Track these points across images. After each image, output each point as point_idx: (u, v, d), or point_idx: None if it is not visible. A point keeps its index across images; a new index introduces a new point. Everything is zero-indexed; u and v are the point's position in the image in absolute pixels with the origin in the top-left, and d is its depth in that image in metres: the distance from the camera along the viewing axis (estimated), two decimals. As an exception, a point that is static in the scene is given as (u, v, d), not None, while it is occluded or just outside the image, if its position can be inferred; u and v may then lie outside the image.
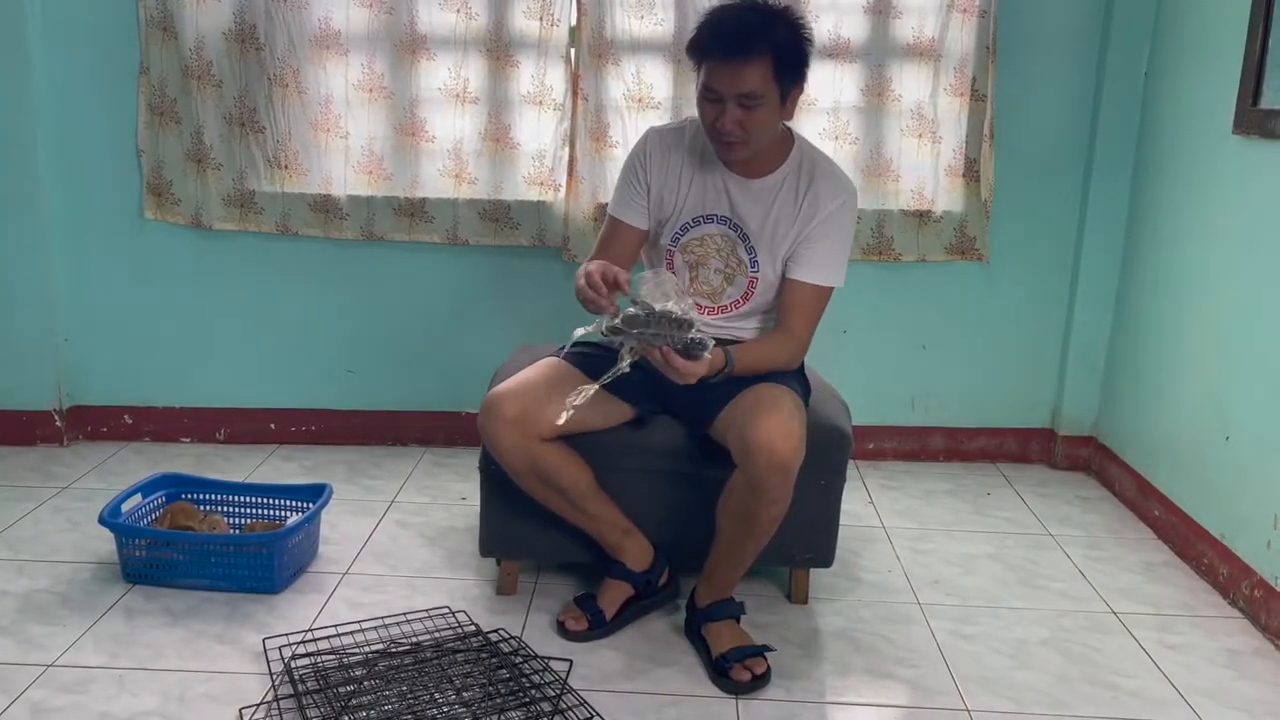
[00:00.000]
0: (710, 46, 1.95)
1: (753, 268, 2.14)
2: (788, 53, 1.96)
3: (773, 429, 1.90)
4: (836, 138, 2.98)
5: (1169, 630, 2.29)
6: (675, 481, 2.22)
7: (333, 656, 2.02)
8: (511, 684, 1.94)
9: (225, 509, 2.54)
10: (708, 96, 1.98)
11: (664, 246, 2.18)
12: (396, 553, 2.54)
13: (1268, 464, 2.32)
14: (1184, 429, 2.70)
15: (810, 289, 2.11)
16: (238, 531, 2.48)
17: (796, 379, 2.16)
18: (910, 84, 2.98)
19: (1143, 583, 2.51)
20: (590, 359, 2.16)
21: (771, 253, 2.12)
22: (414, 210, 3.03)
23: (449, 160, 3.00)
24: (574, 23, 2.94)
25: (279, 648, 2.06)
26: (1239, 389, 2.46)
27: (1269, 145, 2.37)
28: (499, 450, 2.08)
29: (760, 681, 2.00)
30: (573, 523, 2.17)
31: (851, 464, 2.31)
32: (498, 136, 2.99)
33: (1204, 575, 2.53)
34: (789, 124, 2.15)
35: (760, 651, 2.05)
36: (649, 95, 2.95)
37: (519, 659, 2.03)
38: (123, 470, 2.98)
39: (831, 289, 2.14)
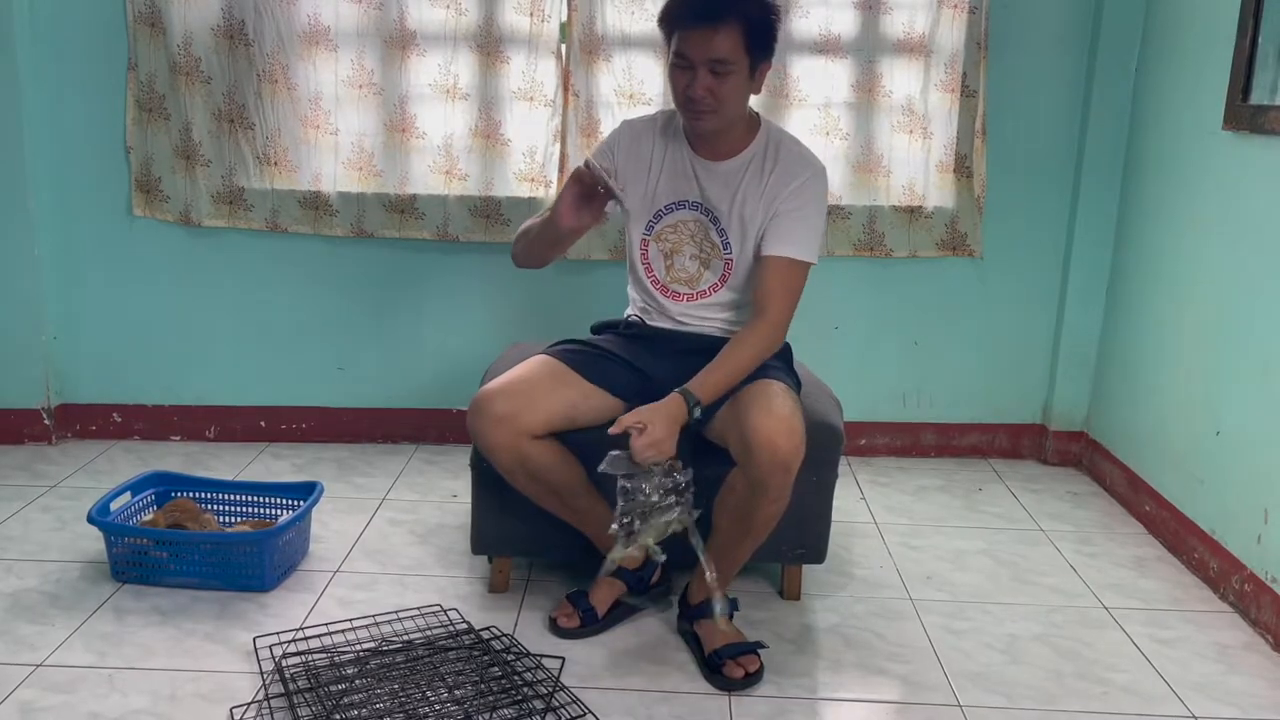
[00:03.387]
0: (682, 14, 1.99)
1: (726, 250, 2.14)
2: (757, 24, 1.99)
3: (774, 426, 1.90)
4: (827, 133, 2.98)
5: (1160, 625, 2.29)
6: (668, 478, 2.21)
7: (324, 655, 2.02)
8: (504, 681, 1.94)
9: (215, 507, 2.53)
10: (679, 64, 2.00)
11: (638, 237, 2.18)
12: (388, 550, 2.53)
13: (1258, 459, 2.33)
14: (1175, 424, 2.70)
15: (784, 263, 2.09)
16: (228, 529, 2.47)
17: (787, 373, 2.15)
18: (901, 80, 2.98)
19: (1134, 578, 2.52)
20: (582, 356, 2.16)
21: (742, 233, 2.12)
22: (404, 207, 3.02)
23: (439, 157, 2.99)
24: (564, 18, 2.93)
25: (270, 646, 2.05)
26: (1230, 384, 2.46)
27: (1259, 140, 2.38)
28: (488, 448, 2.07)
29: (753, 679, 2.00)
30: (564, 520, 2.17)
31: (843, 460, 2.32)
32: (488, 133, 2.98)
33: (1194, 570, 2.54)
34: (757, 111, 2.16)
35: (753, 649, 2.05)
36: (640, 91, 2.94)
37: (511, 656, 2.02)
38: (111, 469, 2.96)
39: (807, 266, 2.12)
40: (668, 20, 2.02)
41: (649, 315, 2.24)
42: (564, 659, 2.03)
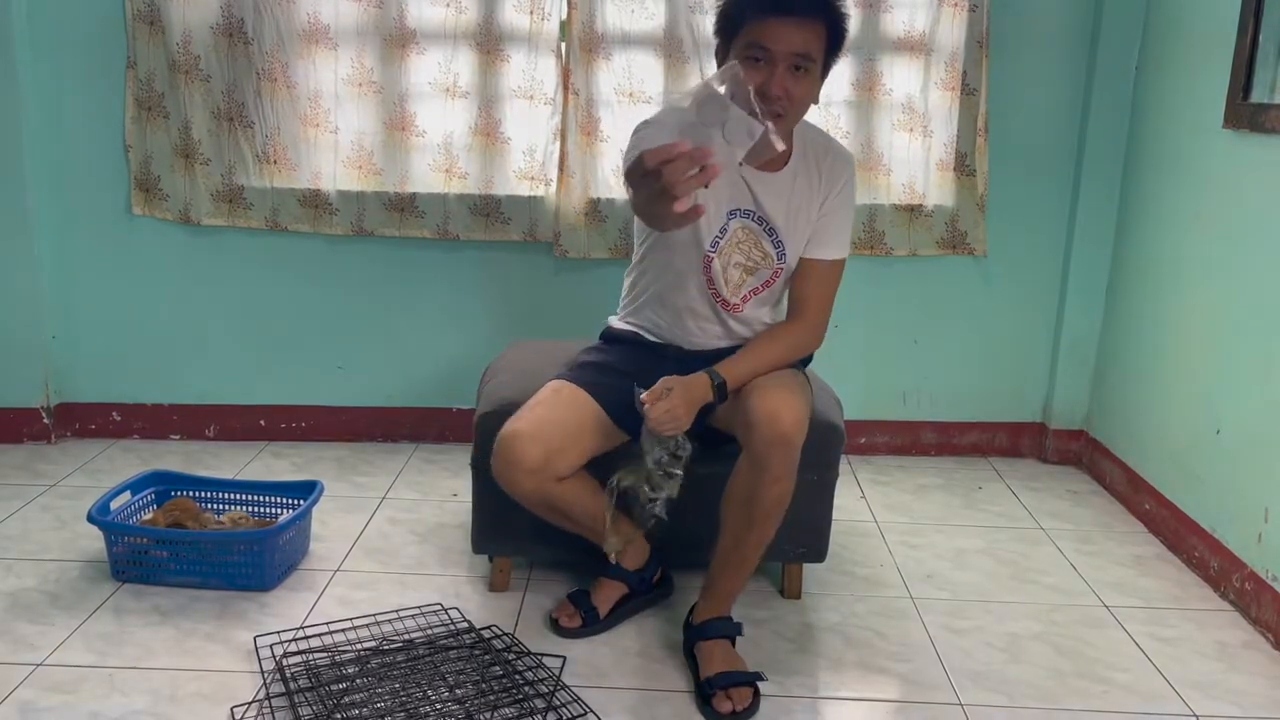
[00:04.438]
0: (767, 4, 1.87)
1: (779, 260, 2.10)
2: (838, 27, 1.94)
3: (776, 401, 1.89)
4: (827, 132, 2.97)
5: (1160, 623, 2.30)
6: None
7: (325, 654, 2.02)
8: (505, 680, 1.94)
9: (215, 506, 2.53)
10: (755, 56, 1.88)
11: (703, 253, 2.07)
12: (388, 549, 2.53)
13: (1258, 457, 2.33)
14: (1175, 423, 2.70)
15: (827, 265, 2.10)
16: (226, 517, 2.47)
17: (799, 370, 2.14)
18: (901, 78, 2.98)
19: (1134, 576, 2.52)
20: (607, 390, 2.07)
21: (796, 242, 2.10)
22: (404, 205, 3.02)
23: (439, 155, 2.99)
24: (564, 17, 2.93)
25: (270, 645, 2.05)
26: (1230, 383, 2.46)
27: (1259, 139, 2.38)
28: (515, 494, 2.00)
29: (742, 718, 1.88)
30: (572, 533, 2.13)
31: (843, 459, 2.31)
32: (488, 131, 2.97)
33: (1195, 568, 2.54)
34: None
35: (750, 680, 1.93)
36: (640, 89, 2.94)
37: (512, 655, 2.02)
38: (111, 468, 2.96)
39: (844, 261, 2.13)
40: (744, 9, 1.90)
41: (690, 336, 2.15)
42: (565, 658, 2.03)
